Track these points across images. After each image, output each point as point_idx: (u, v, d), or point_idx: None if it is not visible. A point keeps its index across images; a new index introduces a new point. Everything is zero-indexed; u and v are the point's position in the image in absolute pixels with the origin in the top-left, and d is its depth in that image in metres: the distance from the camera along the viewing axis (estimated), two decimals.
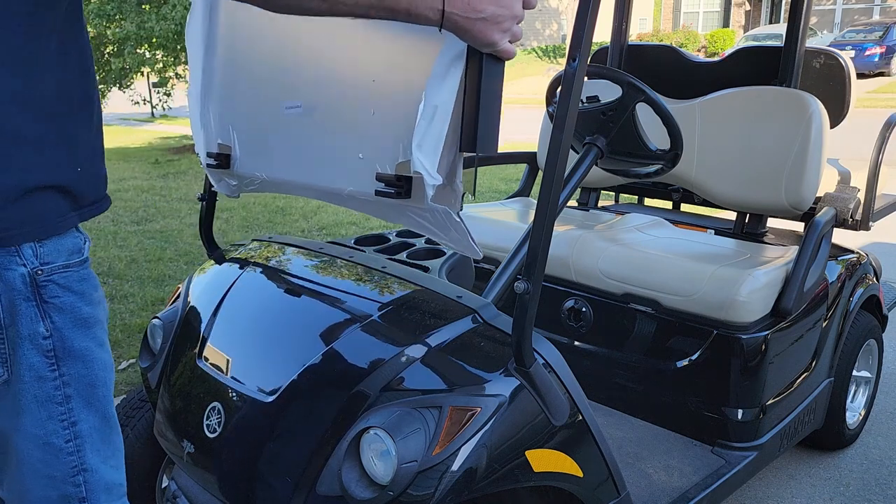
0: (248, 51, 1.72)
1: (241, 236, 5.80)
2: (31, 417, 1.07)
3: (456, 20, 1.11)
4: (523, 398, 1.49)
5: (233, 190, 1.90)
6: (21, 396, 1.06)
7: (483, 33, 1.14)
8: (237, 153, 1.78)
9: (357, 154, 1.44)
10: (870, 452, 2.86)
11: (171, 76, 11.61)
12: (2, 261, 1.00)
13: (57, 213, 1.05)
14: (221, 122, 1.83)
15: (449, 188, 1.30)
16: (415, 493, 1.38)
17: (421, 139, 1.24)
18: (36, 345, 1.05)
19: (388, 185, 1.34)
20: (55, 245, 1.05)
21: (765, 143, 2.58)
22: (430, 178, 1.25)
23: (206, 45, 1.81)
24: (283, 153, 1.65)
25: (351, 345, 1.64)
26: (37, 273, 1.03)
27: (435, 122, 1.23)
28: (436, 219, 1.34)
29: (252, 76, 1.72)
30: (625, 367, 2.36)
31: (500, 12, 1.13)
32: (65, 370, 1.09)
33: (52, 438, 1.09)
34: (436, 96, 1.22)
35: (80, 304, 1.10)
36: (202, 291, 2.05)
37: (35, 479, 1.10)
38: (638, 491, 1.97)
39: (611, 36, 3.23)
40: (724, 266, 2.23)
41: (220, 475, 1.64)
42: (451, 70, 1.22)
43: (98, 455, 1.15)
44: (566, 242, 2.48)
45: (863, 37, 18.82)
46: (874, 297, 2.84)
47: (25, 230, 1.01)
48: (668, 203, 3.30)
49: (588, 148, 1.96)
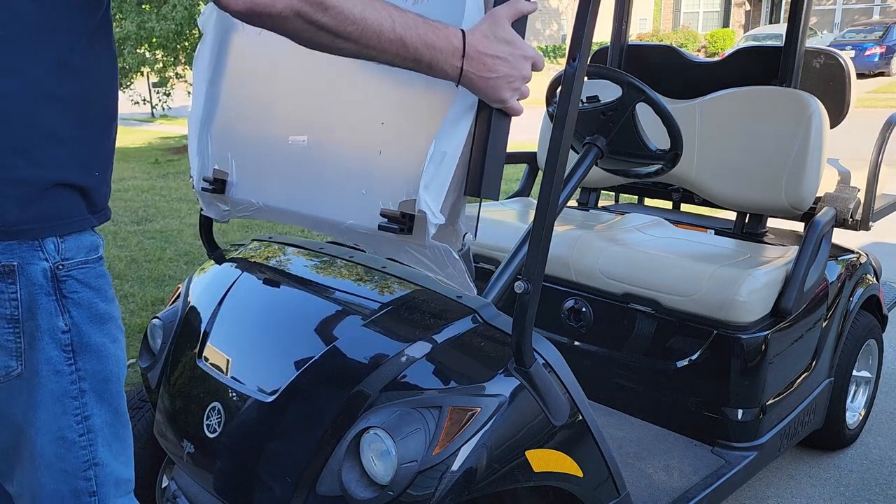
0: (256, 83, 1.76)
1: (241, 236, 5.79)
2: (47, 411, 1.09)
3: (472, 78, 1.20)
4: (523, 398, 1.49)
5: (223, 215, 1.92)
6: (37, 390, 1.08)
7: (495, 91, 1.23)
8: (234, 179, 1.81)
9: (360, 190, 1.51)
10: (870, 452, 2.86)
11: (171, 76, 11.61)
12: (25, 255, 1.03)
13: (77, 211, 1.09)
14: (220, 148, 1.86)
15: (450, 228, 1.37)
16: (415, 493, 1.38)
17: (428, 181, 1.30)
18: (55, 339, 1.08)
19: (391, 221, 1.40)
20: (75, 241, 1.09)
21: (765, 143, 2.58)
22: (433, 218, 1.31)
23: (212, 74, 1.86)
24: (283, 183, 1.70)
25: (351, 345, 1.64)
26: (58, 268, 1.07)
27: (443, 167, 1.30)
28: (435, 256, 1.40)
29: (258, 107, 1.76)
30: (625, 367, 2.36)
31: (511, 73, 1.22)
32: (81, 365, 1.11)
33: (66, 432, 1.11)
34: (445, 143, 1.29)
35: (97, 301, 1.13)
36: (202, 291, 2.05)
37: (49, 473, 1.12)
38: (638, 491, 1.97)
39: (611, 36, 3.23)
40: (724, 266, 2.23)
41: (219, 475, 1.64)
42: (462, 121, 1.29)
43: (109, 450, 1.17)
44: (566, 242, 2.48)
45: (863, 37, 18.82)
46: (874, 297, 2.84)
47: (49, 224, 1.05)
48: (668, 203, 3.30)
49: (588, 148, 1.96)
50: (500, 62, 1.20)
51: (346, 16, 1.06)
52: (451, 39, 1.17)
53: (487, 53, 1.19)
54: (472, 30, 1.20)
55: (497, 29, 1.20)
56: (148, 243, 5.64)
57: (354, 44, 1.10)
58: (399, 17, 1.12)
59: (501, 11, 1.21)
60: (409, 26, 1.12)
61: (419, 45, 1.14)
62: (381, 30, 1.10)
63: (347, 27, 1.07)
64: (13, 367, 1.06)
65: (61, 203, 1.06)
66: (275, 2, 1.00)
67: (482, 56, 1.19)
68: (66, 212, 1.07)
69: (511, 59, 1.21)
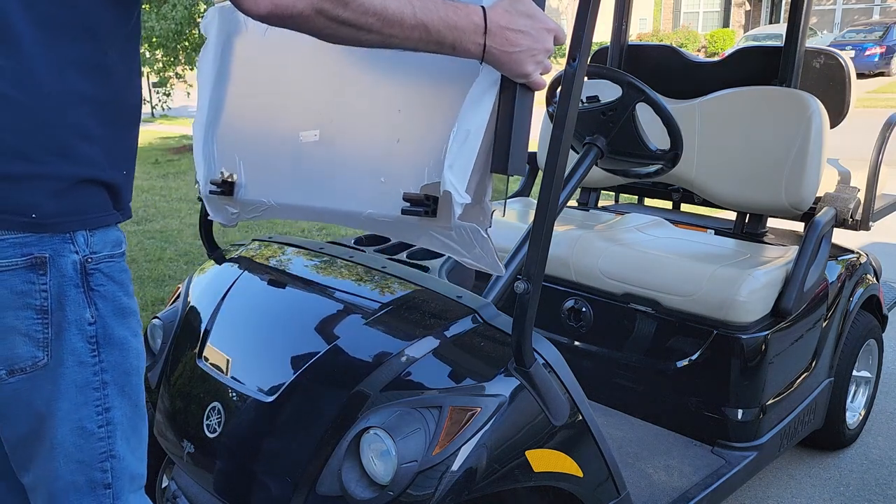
0: (263, 83, 1.76)
1: (241, 236, 5.79)
2: (69, 402, 1.11)
3: (495, 53, 1.21)
4: (523, 398, 1.49)
5: (231, 218, 1.92)
6: (61, 380, 1.10)
7: (518, 65, 1.23)
8: (242, 180, 1.81)
9: (379, 178, 1.49)
10: (870, 452, 2.86)
11: (170, 76, 11.60)
12: (56, 247, 1.06)
13: (104, 207, 1.12)
14: (226, 151, 1.86)
15: (477, 206, 1.35)
16: (415, 493, 1.38)
17: (453, 160, 1.29)
18: (81, 330, 1.10)
19: (414, 205, 1.38)
20: (102, 236, 1.12)
21: (765, 143, 2.58)
22: (459, 197, 1.30)
23: (217, 79, 1.85)
24: (294, 179, 1.69)
25: (351, 344, 1.64)
26: (87, 261, 1.09)
27: (467, 146, 1.29)
28: (461, 237, 1.38)
29: (266, 107, 1.75)
30: (625, 367, 2.36)
31: (534, 46, 1.22)
32: (104, 356, 1.13)
33: (86, 423, 1.13)
34: (469, 121, 1.28)
35: (121, 294, 1.15)
36: (202, 291, 2.05)
37: (67, 463, 1.13)
38: (638, 491, 1.97)
39: (611, 36, 3.23)
40: (723, 266, 2.23)
41: (220, 475, 1.64)
42: (485, 98, 1.28)
43: (127, 444, 1.19)
44: (566, 242, 2.48)
45: (863, 37, 18.81)
46: (874, 297, 2.84)
47: (80, 218, 1.08)
48: (668, 203, 3.30)
49: (588, 148, 1.96)
50: (522, 36, 1.20)
51: (366, 8, 1.07)
52: (472, 17, 1.17)
53: (509, 28, 1.19)
54: (493, 6, 1.20)
55: (517, 3, 1.20)
56: (148, 243, 5.63)
57: (378, 34, 1.11)
58: (419, 1, 1.12)
59: None
60: (429, 10, 1.13)
61: (441, 27, 1.14)
62: (403, 17, 1.11)
63: (369, 19, 1.08)
64: (40, 358, 1.08)
65: (90, 198, 1.09)
66: (296, 2, 1.02)
67: (504, 31, 1.19)
68: (95, 207, 1.10)
69: (533, 32, 1.21)
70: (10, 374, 1.08)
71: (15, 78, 1.00)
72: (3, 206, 1.01)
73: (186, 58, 10.95)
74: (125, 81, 1.13)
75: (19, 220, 1.02)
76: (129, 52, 1.14)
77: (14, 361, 1.07)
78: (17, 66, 1.00)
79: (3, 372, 1.07)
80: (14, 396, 1.10)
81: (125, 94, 1.14)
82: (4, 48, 1.00)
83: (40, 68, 1.02)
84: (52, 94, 1.03)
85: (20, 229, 1.03)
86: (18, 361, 1.07)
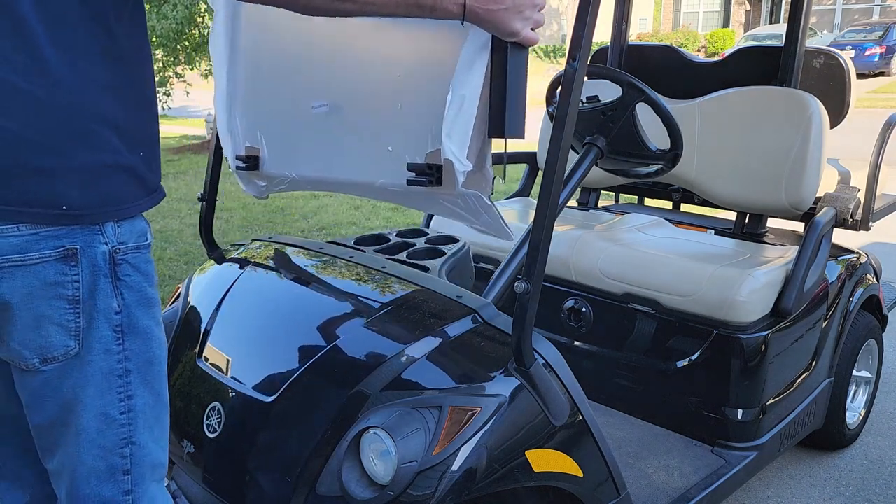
0: (272, 55, 1.75)
1: (241, 236, 5.79)
2: (95, 388, 1.14)
3: (478, 12, 1.16)
4: (523, 398, 1.49)
5: (261, 191, 1.92)
6: (88, 368, 1.13)
7: (505, 23, 1.18)
8: (266, 154, 1.82)
9: (386, 147, 1.48)
10: (870, 452, 2.86)
11: (170, 76, 11.60)
12: (87, 239, 1.09)
13: (131, 196, 1.14)
14: (248, 126, 1.86)
15: (479, 174, 1.34)
16: (415, 493, 1.38)
17: (450, 128, 1.27)
18: (108, 319, 1.13)
19: (419, 175, 1.37)
20: (129, 227, 1.14)
21: (765, 143, 2.58)
22: (460, 165, 1.28)
23: (231, 54, 1.85)
24: (312, 151, 1.69)
25: (351, 345, 1.64)
26: (115, 251, 1.12)
27: (463, 112, 1.26)
28: (467, 204, 1.37)
29: (278, 79, 1.75)
30: (625, 367, 2.36)
31: (520, 1, 1.18)
32: (128, 345, 1.16)
33: (108, 409, 1.16)
34: (463, 86, 1.26)
35: (145, 285, 1.18)
36: (202, 291, 2.05)
37: (90, 449, 1.16)
38: (638, 491, 1.97)
39: (611, 36, 3.23)
40: (723, 266, 2.23)
41: (219, 475, 1.64)
42: (477, 60, 1.25)
43: (150, 433, 1.21)
44: (566, 242, 2.48)
45: (863, 37, 18.81)
46: (874, 297, 2.84)
47: (107, 209, 1.10)
48: (668, 203, 3.30)
49: (588, 148, 1.96)
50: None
51: None
52: None
53: None
54: None
55: None
56: None
57: (353, 3, 1.09)
58: None
59: None
60: None
61: None
62: None
63: None
64: (72, 346, 1.11)
65: (115, 187, 1.11)
66: None
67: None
68: (121, 197, 1.12)
69: None
70: (44, 363, 1.11)
71: (29, 72, 1.01)
72: (36, 201, 1.04)
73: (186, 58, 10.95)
74: (138, 67, 1.14)
75: (51, 213, 1.05)
76: (137, 35, 1.15)
77: (47, 350, 1.10)
78: (31, 60, 1.01)
79: (37, 361, 1.10)
80: (45, 384, 1.12)
81: (139, 79, 1.15)
82: (17, 42, 1.01)
83: (53, 60, 1.03)
84: (68, 84, 1.04)
85: (52, 222, 1.05)
86: (52, 350, 1.10)
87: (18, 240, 1.04)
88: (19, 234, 1.04)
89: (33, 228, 1.04)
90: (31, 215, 1.04)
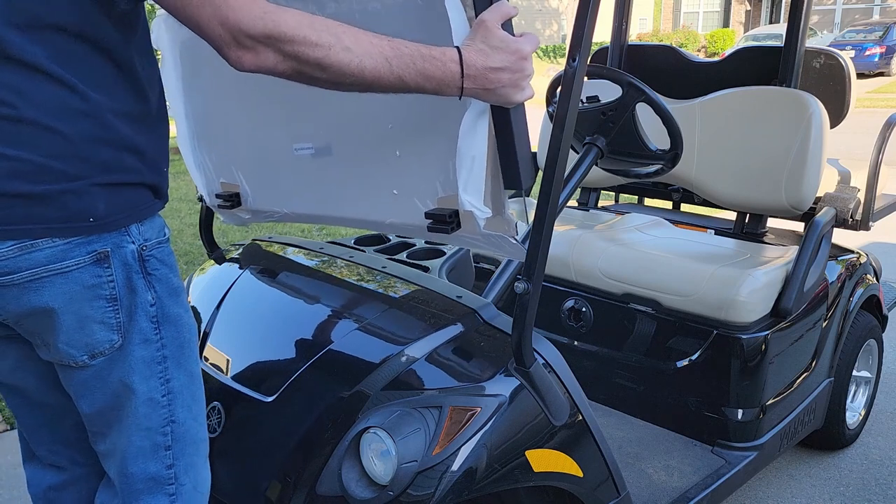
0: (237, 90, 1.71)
1: (241, 236, 5.79)
2: (140, 376, 1.24)
3: (477, 93, 1.22)
4: (523, 398, 1.49)
5: (245, 221, 1.91)
6: (131, 358, 1.23)
7: (503, 98, 1.24)
8: (247, 190, 1.80)
9: (391, 190, 1.49)
10: (870, 452, 2.86)
11: None
12: (116, 241, 1.18)
13: (149, 200, 1.24)
14: (220, 162, 1.84)
15: (499, 217, 1.35)
16: (415, 493, 1.38)
17: (465, 184, 1.30)
18: (146, 312, 1.23)
19: (437, 222, 1.38)
20: (150, 225, 1.23)
21: (765, 143, 2.58)
22: (480, 213, 1.31)
23: (185, 91, 1.81)
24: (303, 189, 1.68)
25: (351, 345, 1.64)
26: (142, 249, 1.21)
27: (475, 169, 1.30)
28: (488, 240, 1.39)
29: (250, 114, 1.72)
30: (625, 367, 2.36)
31: (515, 77, 1.22)
32: (164, 333, 1.26)
33: (153, 394, 1.26)
34: (470, 148, 1.28)
35: (171, 276, 1.27)
36: (202, 291, 2.05)
37: (137, 431, 1.27)
38: (638, 491, 1.98)
39: (611, 36, 3.22)
40: (723, 266, 2.23)
41: (219, 475, 1.64)
42: (479, 123, 1.28)
43: (188, 411, 1.31)
44: (566, 242, 2.48)
45: (863, 37, 18.82)
46: (874, 297, 2.84)
47: (131, 213, 1.19)
48: (668, 203, 3.30)
49: (588, 148, 1.96)
50: (502, 72, 1.20)
51: (343, 72, 1.11)
52: (449, 65, 1.17)
53: (488, 67, 1.19)
54: (467, 46, 1.19)
55: (490, 38, 1.19)
56: None
57: (357, 88, 1.16)
58: (394, 55, 1.13)
59: (489, 18, 1.20)
60: (405, 64, 1.14)
61: (419, 79, 1.16)
62: (380, 75, 1.14)
63: (346, 80, 1.13)
64: (115, 340, 1.21)
65: (137, 195, 1.21)
66: (277, 65, 1.09)
67: (483, 72, 1.19)
68: (140, 203, 1.22)
69: (511, 65, 1.20)
70: (92, 358, 1.21)
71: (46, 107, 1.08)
72: (69, 216, 1.12)
73: None
74: (148, 88, 1.21)
75: (82, 225, 1.14)
76: (146, 58, 1.22)
77: (94, 346, 1.20)
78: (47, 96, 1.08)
79: (86, 357, 1.20)
80: (95, 376, 1.23)
81: (153, 98, 1.23)
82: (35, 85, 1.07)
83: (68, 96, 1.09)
84: (85, 115, 1.11)
85: (83, 233, 1.14)
86: (98, 346, 1.20)
87: (53, 250, 1.12)
88: (53, 245, 1.12)
89: (66, 239, 1.13)
90: (59, 230, 1.12)
